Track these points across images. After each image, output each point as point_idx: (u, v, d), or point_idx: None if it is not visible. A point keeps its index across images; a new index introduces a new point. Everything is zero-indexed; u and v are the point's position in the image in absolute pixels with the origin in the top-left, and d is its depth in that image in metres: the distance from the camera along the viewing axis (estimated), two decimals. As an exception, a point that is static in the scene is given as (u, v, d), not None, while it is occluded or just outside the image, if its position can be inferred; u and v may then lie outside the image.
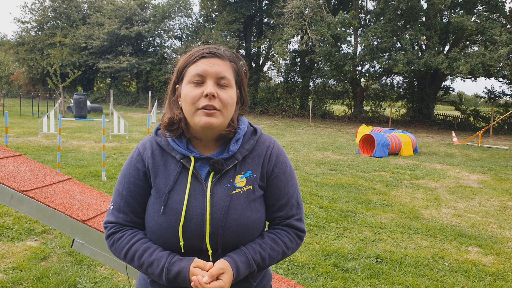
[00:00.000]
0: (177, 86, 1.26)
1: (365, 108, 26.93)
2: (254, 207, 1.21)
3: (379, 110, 26.85)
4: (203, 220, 1.16)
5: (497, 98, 26.20)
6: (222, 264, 1.14)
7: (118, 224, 1.25)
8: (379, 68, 25.05)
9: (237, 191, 1.19)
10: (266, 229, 1.32)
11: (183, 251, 1.18)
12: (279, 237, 1.25)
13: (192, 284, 1.12)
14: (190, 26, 33.53)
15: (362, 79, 26.81)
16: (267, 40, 27.00)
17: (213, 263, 1.15)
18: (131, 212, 1.25)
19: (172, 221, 1.16)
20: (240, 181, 1.21)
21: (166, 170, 1.22)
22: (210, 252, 1.17)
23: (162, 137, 1.26)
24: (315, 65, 27.86)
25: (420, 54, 21.61)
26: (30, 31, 37.13)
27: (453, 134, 16.83)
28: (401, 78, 27.21)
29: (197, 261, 1.15)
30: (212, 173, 1.20)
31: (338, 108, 28.76)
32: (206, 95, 1.15)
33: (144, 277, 1.31)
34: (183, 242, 1.17)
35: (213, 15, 30.44)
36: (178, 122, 1.23)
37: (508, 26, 21.65)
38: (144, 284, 1.30)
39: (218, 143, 1.26)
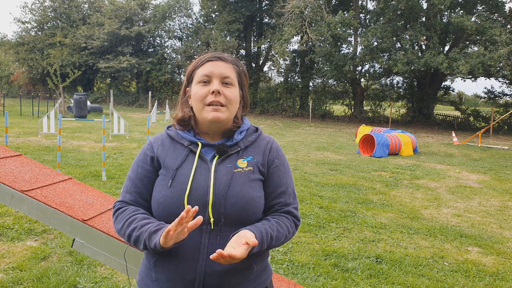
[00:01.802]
0: (187, 88, 1.42)
1: (365, 108, 26.92)
2: (254, 186, 1.32)
3: (379, 110, 26.83)
4: (207, 191, 1.27)
5: (497, 98, 26.21)
6: (247, 233, 1.20)
7: (124, 202, 1.38)
8: (379, 68, 25.04)
9: (238, 170, 1.32)
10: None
11: None
12: (283, 221, 1.35)
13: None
14: (190, 26, 33.45)
15: (362, 79, 26.77)
16: (267, 40, 26.97)
17: (215, 234, 1.24)
18: (136, 192, 1.37)
19: (178, 191, 1.28)
20: (241, 163, 1.34)
21: (175, 153, 1.37)
22: (212, 220, 1.25)
23: (173, 130, 1.43)
24: (315, 65, 27.82)
25: (420, 54, 21.60)
26: (30, 31, 37.10)
27: (453, 134, 16.84)
28: (401, 78, 27.21)
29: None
30: (216, 157, 1.33)
31: (338, 108, 28.74)
32: (213, 92, 1.31)
33: (145, 263, 1.36)
34: None
35: (213, 15, 30.39)
36: (188, 119, 1.40)
37: (508, 26, 21.65)
38: (146, 271, 1.35)
39: (223, 137, 1.40)
